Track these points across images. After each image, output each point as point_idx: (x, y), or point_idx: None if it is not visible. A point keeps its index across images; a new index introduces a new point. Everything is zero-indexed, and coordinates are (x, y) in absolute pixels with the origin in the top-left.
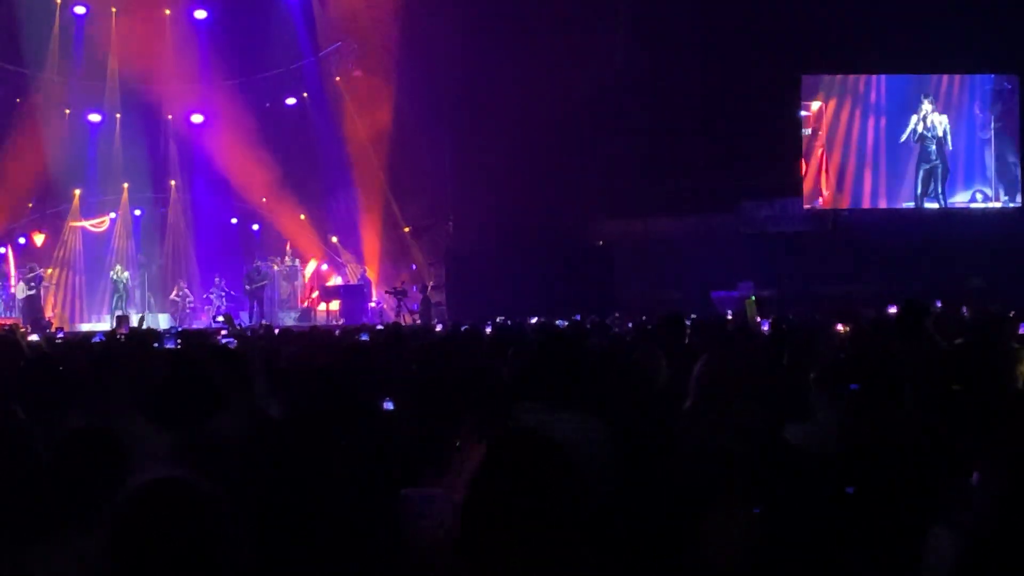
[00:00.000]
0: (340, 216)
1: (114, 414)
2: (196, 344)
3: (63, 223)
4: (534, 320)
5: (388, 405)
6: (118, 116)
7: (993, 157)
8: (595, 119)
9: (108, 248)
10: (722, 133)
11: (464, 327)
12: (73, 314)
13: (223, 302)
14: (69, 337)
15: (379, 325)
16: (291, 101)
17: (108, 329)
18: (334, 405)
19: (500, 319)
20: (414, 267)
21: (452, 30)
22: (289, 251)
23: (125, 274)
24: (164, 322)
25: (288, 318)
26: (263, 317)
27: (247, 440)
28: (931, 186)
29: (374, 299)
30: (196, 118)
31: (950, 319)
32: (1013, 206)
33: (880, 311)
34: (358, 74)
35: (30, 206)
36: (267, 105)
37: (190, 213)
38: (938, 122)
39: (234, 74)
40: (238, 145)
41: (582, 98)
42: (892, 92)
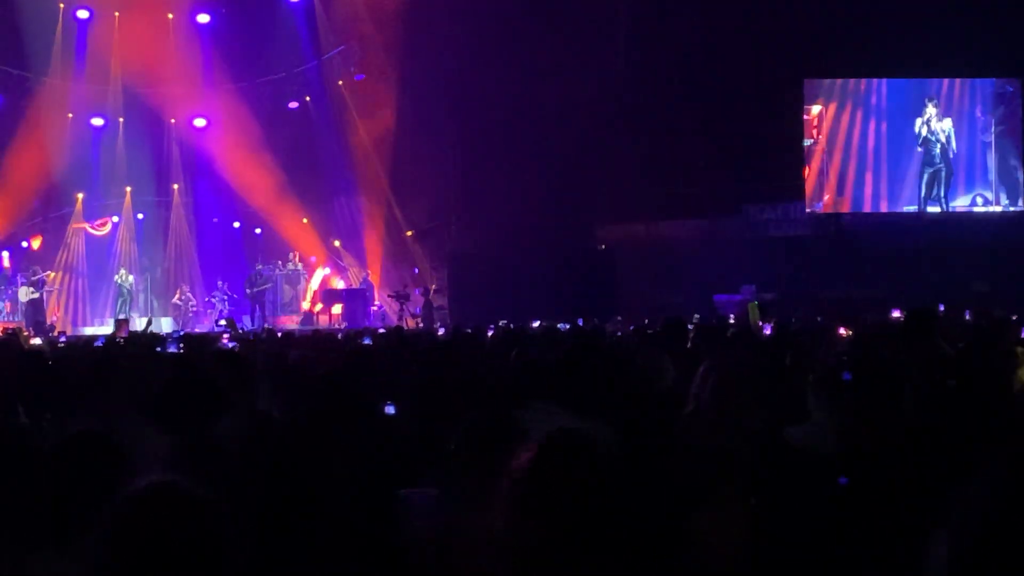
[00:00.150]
0: (343, 220)
1: (115, 417)
2: (199, 348)
3: (66, 227)
4: (536, 324)
5: (389, 409)
6: (121, 120)
7: (995, 161)
8: (597, 123)
9: (111, 252)
10: (725, 137)
11: (467, 330)
12: (76, 318)
13: (225, 306)
14: (71, 341)
15: (381, 328)
16: (294, 105)
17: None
18: (337, 409)
19: (503, 323)
20: (416, 271)
21: (455, 34)
22: (292, 255)
23: (130, 278)
24: (167, 326)
25: (289, 322)
26: (265, 321)
27: (249, 443)
28: (935, 190)
29: (376, 303)
30: (199, 122)
31: (953, 323)
32: (1014, 210)
33: (883, 315)
34: (361, 78)
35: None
36: (269, 109)
37: (192, 217)
38: (942, 126)
39: (237, 78)
40: (241, 149)
41: (584, 102)
42: (893, 96)
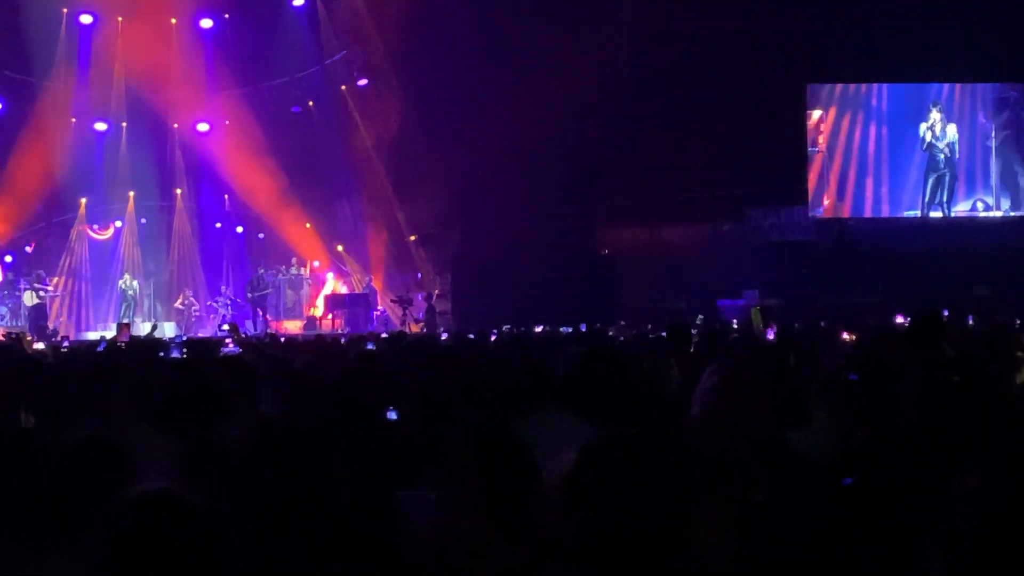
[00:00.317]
0: (346, 224)
1: (117, 422)
2: (202, 353)
3: (69, 232)
4: (539, 329)
5: (391, 415)
6: (124, 125)
7: (998, 166)
8: (599, 127)
9: (114, 256)
10: (727, 142)
11: (469, 335)
12: (79, 323)
13: (228, 310)
14: (74, 345)
15: (383, 333)
16: (297, 109)
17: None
18: (343, 414)
19: (506, 327)
20: (419, 275)
21: (457, 38)
22: (295, 261)
23: (134, 283)
24: (170, 330)
25: (292, 326)
26: (267, 326)
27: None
28: (938, 195)
29: (379, 307)
30: (202, 127)
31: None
32: (1016, 215)
33: (885, 319)
34: (364, 82)
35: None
36: (272, 113)
37: (196, 221)
38: (947, 131)
39: (240, 83)
40: (244, 153)
41: (587, 107)
42: (894, 100)
